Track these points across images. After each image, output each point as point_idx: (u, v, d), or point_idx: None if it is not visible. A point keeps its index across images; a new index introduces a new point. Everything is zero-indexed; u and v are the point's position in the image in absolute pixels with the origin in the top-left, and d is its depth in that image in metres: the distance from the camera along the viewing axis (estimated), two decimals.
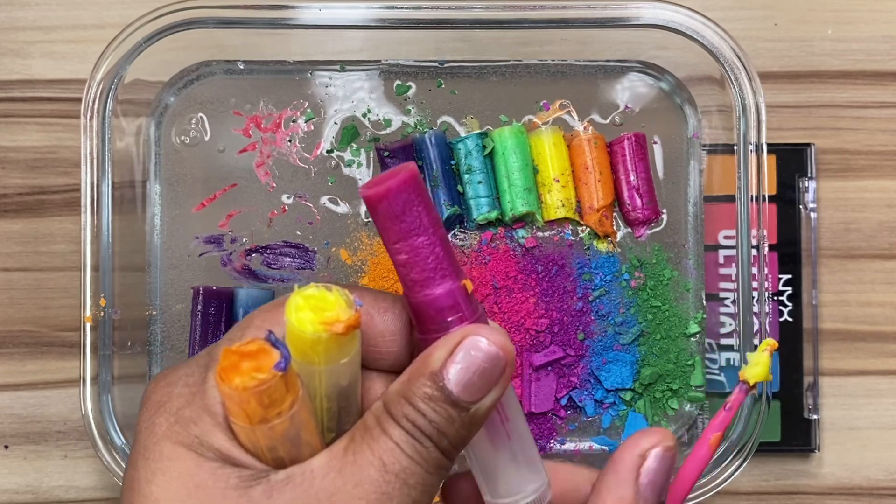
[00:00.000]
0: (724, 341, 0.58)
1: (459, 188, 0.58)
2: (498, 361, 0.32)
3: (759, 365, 0.38)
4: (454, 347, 0.32)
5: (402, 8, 0.55)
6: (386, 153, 0.58)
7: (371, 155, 0.59)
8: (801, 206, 0.60)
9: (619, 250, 0.59)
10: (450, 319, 0.34)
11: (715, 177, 0.58)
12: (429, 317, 0.34)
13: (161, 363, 0.59)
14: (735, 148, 0.55)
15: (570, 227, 0.59)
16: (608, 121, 0.59)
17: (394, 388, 0.33)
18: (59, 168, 0.60)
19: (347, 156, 0.59)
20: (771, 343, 0.38)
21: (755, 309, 0.54)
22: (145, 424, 0.34)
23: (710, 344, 0.59)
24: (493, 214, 0.58)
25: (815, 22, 0.61)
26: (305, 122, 0.59)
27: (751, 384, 0.38)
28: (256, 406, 0.30)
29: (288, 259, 0.59)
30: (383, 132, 0.59)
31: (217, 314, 0.57)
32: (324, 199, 0.59)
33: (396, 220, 0.33)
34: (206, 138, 0.59)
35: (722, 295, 0.58)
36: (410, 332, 0.36)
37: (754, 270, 0.54)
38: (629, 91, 0.59)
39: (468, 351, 0.32)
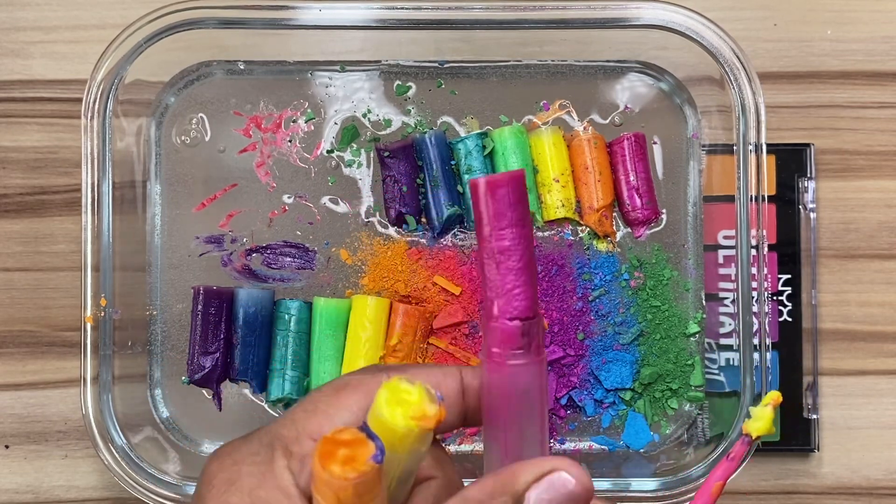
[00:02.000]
0: (723, 341, 0.58)
1: (459, 188, 0.58)
2: (578, 501, 0.34)
3: (762, 420, 0.38)
4: (542, 475, 0.34)
5: (402, 8, 0.55)
6: (386, 153, 0.58)
7: (371, 155, 0.59)
8: (800, 207, 0.60)
9: (619, 250, 0.59)
10: (522, 348, 0.36)
11: (714, 177, 0.58)
12: (511, 340, 0.36)
13: (161, 363, 0.59)
14: (734, 148, 0.55)
15: (570, 227, 0.59)
16: (608, 121, 0.59)
17: (474, 495, 0.34)
18: (59, 168, 0.60)
19: (347, 156, 0.59)
20: (775, 397, 0.38)
21: (755, 309, 0.54)
22: (216, 502, 0.35)
23: (709, 344, 0.59)
24: None
25: (815, 22, 0.61)
26: (306, 122, 0.59)
27: (753, 437, 0.38)
28: (352, 495, 0.32)
29: (288, 259, 0.59)
30: (383, 132, 0.59)
31: (217, 314, 0.57)
32: (324, 199, 0.59)
33: (512, 207, 0.35)
34: (207, 138, 0.59)
35: (721, 295, 0.58)
36: (462, 400, 0.38)
37: (754, 270, 0.55)
38: (629, 91, 0.59)
39: (553, 484, 0.34)
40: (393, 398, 0.32)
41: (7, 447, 0.60)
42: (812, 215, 0.60)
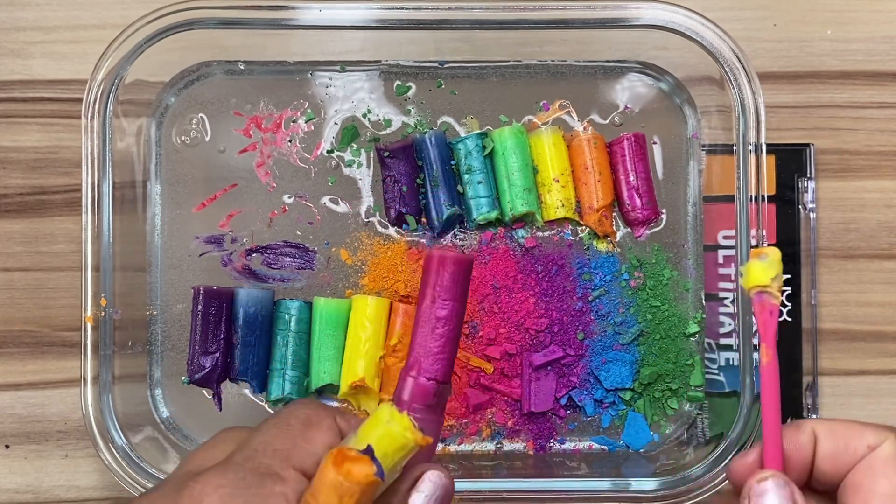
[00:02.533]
0: (723, 341, 0.58)
1: (459, 188, 0.58)
2: (448, 491, 0.40)
3: (748, 272, 0.40)
4: (416, 479, 0.40)
5: (402, 8, 0.55)
6: (386, 153, 0.58)
7: (371, 155, 0.59)
8: (800, 207, 0.60)
9: (619, 250, 0.59)
10: (428, 406, 0.42)
11: (714, 177, 0.58)
12: (424, 395, 0.41)
13: (161, 363, 0.59)
14: (734, 148, 0.55)
15: (570, 227, 0.59)
16: (608, 121, 0.59)
17: None
18: (59, 168, 0.60)
19: (348, 156, 0.59)
20: (760, 250, 0.40)
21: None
22: None
23: (709, 344, 0.59)
24: (493, 214, 0.58)
25: (815, 22, 0.61)
26: (306, 122, 0.59)
27: (750, 290, 0.40)
28: (357, 499, 0.36)
29: (288, 259, 0.59)
30: (383, 132, 0.59)
31: (217, 314, 0.57)
32: (324, 199, 0.59)
33: (458, 284, 0.42)
34: (207, 138, 0.59)
35: (721, 295, 0.58)
36: None
37: None
38: (629, 91, 0.59)
39: (428, 480, 0.40)
40: (392, 417, 0.38)
41: (7, 447, 0.60)
42: (812, 215, 0.60)
